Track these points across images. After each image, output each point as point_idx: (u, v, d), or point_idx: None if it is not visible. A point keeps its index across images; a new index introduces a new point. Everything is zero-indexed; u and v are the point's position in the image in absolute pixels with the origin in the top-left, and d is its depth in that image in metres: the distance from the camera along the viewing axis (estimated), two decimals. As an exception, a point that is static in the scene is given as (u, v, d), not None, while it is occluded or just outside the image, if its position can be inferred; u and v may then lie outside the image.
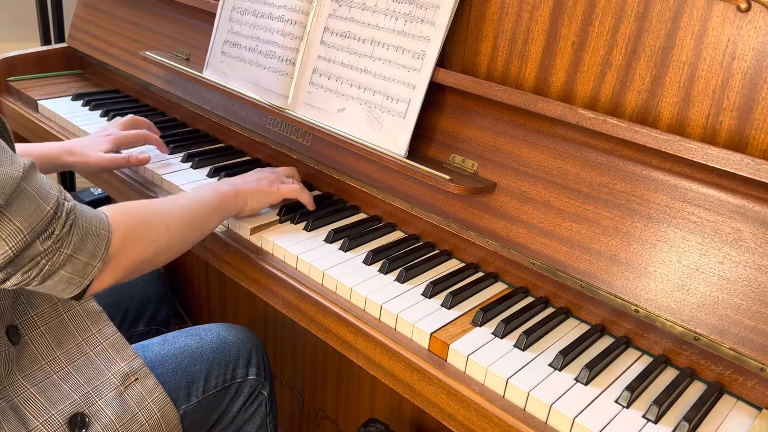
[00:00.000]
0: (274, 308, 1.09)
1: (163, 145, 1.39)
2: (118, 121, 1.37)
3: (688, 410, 0.81)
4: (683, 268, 0.86)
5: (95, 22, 1.82)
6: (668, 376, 0.88)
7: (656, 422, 0.80)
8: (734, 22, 0.85)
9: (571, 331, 0.96)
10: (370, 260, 1.06)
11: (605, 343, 0.93)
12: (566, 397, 0.82)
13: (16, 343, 0.90)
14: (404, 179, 1.13)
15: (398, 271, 1.03)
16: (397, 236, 1.17)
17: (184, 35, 1.58)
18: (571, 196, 0.96)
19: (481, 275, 1.07)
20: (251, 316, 1.79)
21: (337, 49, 1.19)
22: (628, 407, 0.82)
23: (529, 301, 1.02)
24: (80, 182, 2.50)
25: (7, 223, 0.73)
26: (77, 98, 1.69)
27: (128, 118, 1.39)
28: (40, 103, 1.65)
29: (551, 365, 0.87)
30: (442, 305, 0.97)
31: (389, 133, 1.12)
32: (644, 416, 0.81)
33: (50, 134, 1.55)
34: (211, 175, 1.32)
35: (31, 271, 0.78)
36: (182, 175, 1.32)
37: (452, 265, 1.10)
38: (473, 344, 0.90)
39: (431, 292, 0.99)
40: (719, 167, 0.83)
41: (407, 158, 1.09)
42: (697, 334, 0.84)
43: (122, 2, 1.77)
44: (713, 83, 0.88)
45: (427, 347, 0.92)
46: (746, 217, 0.83)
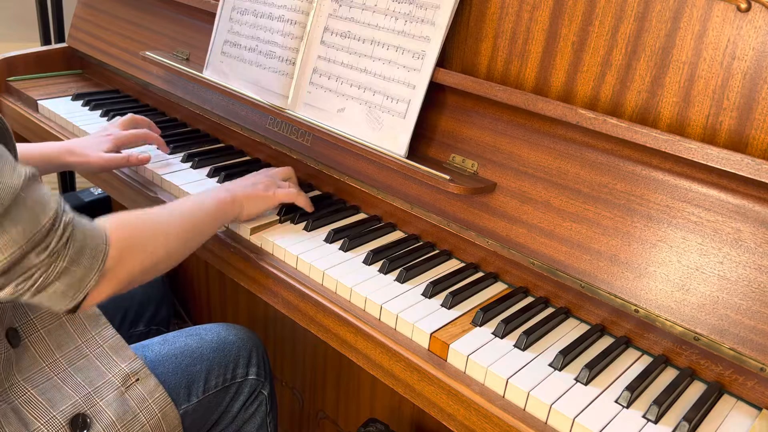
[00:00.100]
0: (274, 308, 1.09)
1: (163, 144, 1.39)
2: (118, 120, 1.37)
3: (688, 410, 0.81)
4: (683, 268, 0.86)
5: (95, 22, 1.82)
6: (668, 376, 0.88)
7: (656, 422, 0.80)
8: (734, 22, 0.85)
9: (571, 331, 0.96)
10: (370, 260, 1.06)
11: (605, 343, 0.93)
12: (566, 397, 0.82)
13: (16, 345, 0.91)
14: (404, 179, 1.13)
15: (398, 271, 1.03)
16: (397, 236, 1.17)
17: (184, 35, 1.58)
18: (571, 196, 0.96)
19: (481, 275, 1.07)
20: (251, 316, 1.79)
21: (337, 49, 1.19)
22: (628, 407, 0.82)
23: (529, 301, 1.02)
24: (80, 182, 2.50)
25: (2, 233, 0.72)
26: (77, 98, 1.69)
27: (128, 117, 1.38)
28: (40, 103, 1.65)
29: (551, 365, 0.87)
30: (442, 305, 0.97)
31: (389, 133, 1.12)
32: (644, 416, 0.81)
33: (50, 134, 1.55)
34: (211, 175, 1.32)
35: (24, 282, 0.76)
36: (182, 175, 1.32)
37: (452, 265, 1.10)
38: (473, 344, 0.90)
39: (431, 292, 0.99)
40: (719, 167, 0.83)
41: (407, 158, 1.09)
42: (697, 334, 0.84)
43: (122, 2, 1.77)
44: (713, 83, 0.88)
45: (427, 347, 0.92)
46: (746, 217, 0.83)
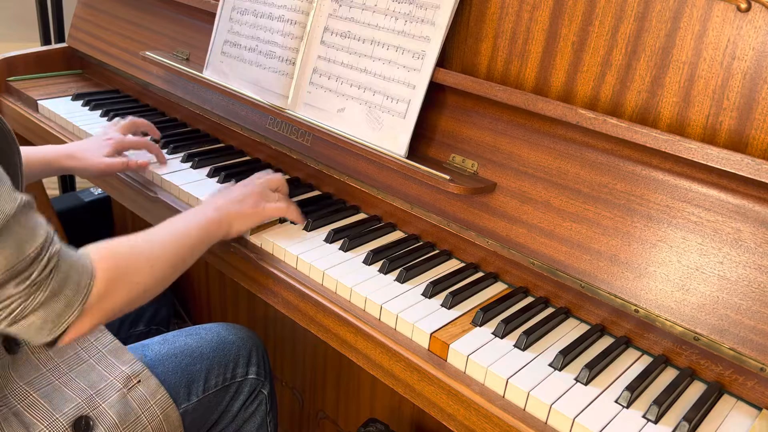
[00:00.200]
0: (274, 308, 1.09)
1: (163, 157, 1.36)
2: (119, 123, 1.35)
3: (688, 410, 0.81)
4: (683, 268, 0.86)
5: (95, 22, 1.82)
6: (668, 376, 0.88)
7: (656, 422, 0.80)
8: (734, 22, 0.85)
9: (571, 331, 0.96)
10: (370, 260, 1.06)
11: (605, 343, 0.93)
12: (566, 397, 0.82)
13: (15, 352, 0.91)
14: (404, 179, 1.13)
15: (398, 271, 1.03)
16: (397, 236, 1.17)
17: (184, 35, 1.58)
18: (571, 196, 0.96)
19: (481, 275, 1.07)
20: (251, 316, 1.79)
21: (337, 49, 1.19)
22: (628, 407, 0.82)
23: (529, 301, 1.02)
24: (80, 182, 2.50)
25: None
26: (77, 98, 1.69)
27: (129, 121, 1.37)
28: (40, 103, 1.65)
29: (551, 365, 0.87)
30: (442, 305, 0.97)
31: (389, 133, 1.12)
32: (644, 416, 0.81)
33: (50, 134, 1.55)
34: (211, 175, 1.32)
35: (0, 312, 0.74)
36: (182, 175, 1.32)
37: (452, 265, 1.10)
38: (473, 344, 0.90)
39: (431, 292, 0.99)
40: (719, 167, 0.83)
41: (407, 158, 1.09)
42: (697, 334, 0.84)
43: (122, 2, 1.77)
44: (713, 83, 0.88)
45: (427, 347, 0.92)
46: (746, 217, 0.83)
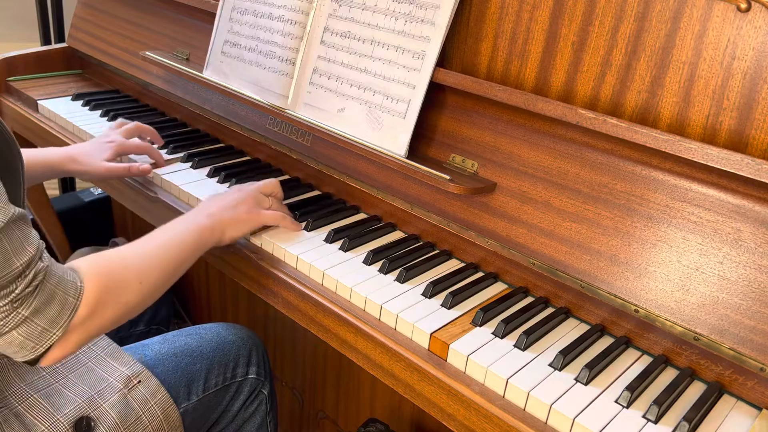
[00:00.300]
0: (274, 308, 1.09)
1: (163, 162, 1.34)
2: (123, 128, 1.33)
3: (688, 410, 0.81)
4: (683, 268, 0.86)
5: (95, 22, 1.82)
6: (668, 376, 0.88)
7: (656, 422, 0.80)
8: (734, 22, 0.85)
9: (571, 331, 0.96)
10: (370, 260, 1.06)
11: (605, 343, 0.93)
12: (566, 397, 0.82)
13: None
14: (404, 179, 1.13)
15: (398, 271, 1.03)
16: (397, 236, 1.17)
17: (184, 35, 1.58)
18: (571, 196, 0.96)
19: (481, 275, 1.07)
20: (251, 316, 1.79)
21: (337, 49, 1.19)
22: (628, 407, 0.82)
23: (529, 301, 1.02)
24: (80, 182, 2.50)
25: None
26: (77, 98, 1.69)
27: (134, 126, 1.35)
28: (40, 103, 1.65)
29: (551, 365, 0.87)
30: (442, 305, 0.97)
31: (389, 133, 1.12)
32: (644, 416, 0.81)
33: (50, 134, 1.55)
34: (211, 175, 1.32)
35: None
36: (182, 175, 1.32)
37: (452, 265, 1.10)
38: (473, 344, 0.90)
39: (431, 292, 0.99)
40: (719, 167, 0.83)
41: (407, 158, 1.09)
42: (697, 334, 0.84)
43: (122, 2, 1.77)
44: (713, 83, 0.88)
45: (427, 347, 0.92)
46: (746, 217, 0.83)
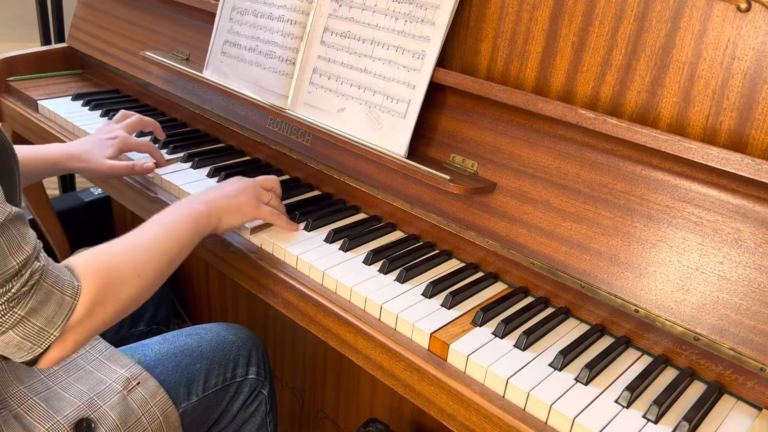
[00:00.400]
0: (274, 308, 1.09)
1: (163, 161, 1.34)
2: (126, 121, 1.33)
3: (688, 410, 0.81)
4: (683, 268, 0.86)
5: (95, 22, 1.82)
6: (668, 376, 0.88)
7: (656, 422, 0.80)
8: (734, 22, 0.85)
9: (571, 331, 0.96)
10: (370, 260, 1.06)
11: (605, 343, 0.93)
12: (566, 397, 0.82)
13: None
14: (404, 179, 1.13)
15: (398, 271, 1.03)
16: (397, 236, 1.17)
17: (184, 35, 1.58)
18: (571, 196, 0.96)
19: (481, 275, 1.07)
20: (251, 316, 1.79)
21: (337, 49, 1.19)
22: (628, 407, 0.82)
23: (529, 301, 1.02)
24: (80, 182, 2.50)
25: None
26: (77, 98, 1.68)
27: (136, 119, 1.34)
28: (40, 103, 1.65)
29: (551, 365, 0.87)
30: (442, 305, 0.97)
31: (389, 133, 1.12)
32: (644, 416, 0.81)
33: (50, 134, 1.55)
34: (211, 175, 1.32)
35: None
36: (182, 175, 1.32)
37: (452, 265, 1.10)
38: (473, 344, 0.90)
39: (431, 292, 0.99)
40: (719, 167, 0.83)
41: (407, 158, 1.09)
42: (697, 334, 0.84)
43: (122, 2, 1.77)
44: (713, 83, 0.88)
45: (427, 347, 0.92)
46: (746, 217, 0.83)
